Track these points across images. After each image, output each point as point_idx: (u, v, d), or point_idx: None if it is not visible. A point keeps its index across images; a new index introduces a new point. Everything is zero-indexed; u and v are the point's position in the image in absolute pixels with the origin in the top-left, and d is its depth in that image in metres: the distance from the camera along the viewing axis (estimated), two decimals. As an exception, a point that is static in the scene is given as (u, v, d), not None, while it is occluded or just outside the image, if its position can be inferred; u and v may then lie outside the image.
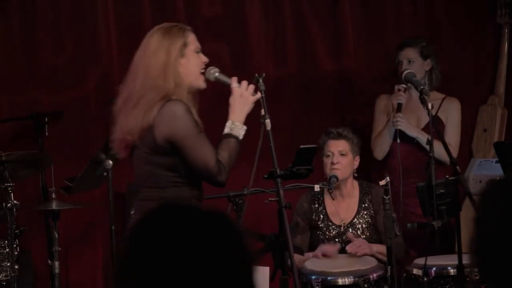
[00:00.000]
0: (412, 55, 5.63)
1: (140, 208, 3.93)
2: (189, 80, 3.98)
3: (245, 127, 4.02)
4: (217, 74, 4.09)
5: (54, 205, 5.11)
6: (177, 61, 3.95)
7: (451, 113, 5.64)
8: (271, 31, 6.22)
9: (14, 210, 4.82)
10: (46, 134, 5.83)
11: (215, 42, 6.06)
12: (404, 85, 5.35)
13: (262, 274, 4.31)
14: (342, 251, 5.07)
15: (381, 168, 5.62)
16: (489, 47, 6.30)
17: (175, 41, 3.97)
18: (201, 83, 4.04)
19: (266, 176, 4.20)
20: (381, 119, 5.72)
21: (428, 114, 4.46)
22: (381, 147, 5.62)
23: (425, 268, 4.57)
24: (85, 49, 6.06)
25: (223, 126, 4.04)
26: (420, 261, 4.68)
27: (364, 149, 5.48)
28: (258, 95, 4.04)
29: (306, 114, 6.19)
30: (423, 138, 5.31)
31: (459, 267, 4.34)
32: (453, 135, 5.59)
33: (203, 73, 4.05)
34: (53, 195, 5.17)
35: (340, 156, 5.14)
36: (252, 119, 5.93)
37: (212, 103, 4.49)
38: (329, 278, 4.69)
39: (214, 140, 3.98)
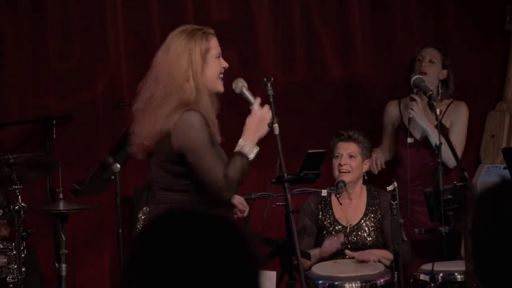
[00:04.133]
0: (435, 56, 5.60)
1: (156, 210, 3.94)
2: (210, 85, 4.00)
3: (257, 148, 3.97)
4: (244, 89, 4.09)
5: (61, 206, 5.09)
6: (200, 67, 3.96)
7: (456, 116, 5.58)
8: (280, 36, 6.22)
9: (22, 212, 4.82)
10: (54, 137, 5.84)
11: (224, 47, 6.02)
12: (416, 96, 5.31)
13: (269, 279, 4.31)
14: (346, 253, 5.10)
15: (389, 175, 5.62)
16: (497, 54, 6.30)
17: (198, 47, 3.98)
18: (219, 87, 4.05)
19: (273, 180, 4.20)
20: (388, 128, 5.73)
21: (436, 120, 4.46)
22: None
23: (432, 274, 4.56)
24: (94, 54, 6.07)
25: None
26: (427, 266, 4.67)
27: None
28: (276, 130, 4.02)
29: (314, 120, 6.19)
30: (432, 132, 5.29)
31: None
32: (455, 138, 5.43)
33: (221, 78, 4.06)
34: (60, 195, 5.13)
35: (349, 158, 5.15)
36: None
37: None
38: (336, 282, 4.68)
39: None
